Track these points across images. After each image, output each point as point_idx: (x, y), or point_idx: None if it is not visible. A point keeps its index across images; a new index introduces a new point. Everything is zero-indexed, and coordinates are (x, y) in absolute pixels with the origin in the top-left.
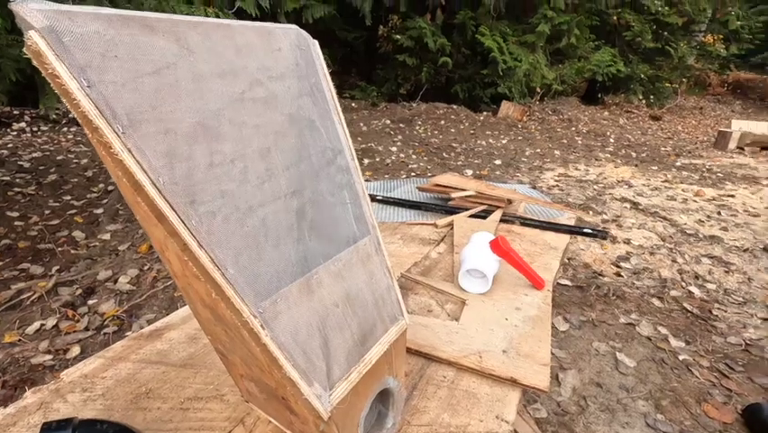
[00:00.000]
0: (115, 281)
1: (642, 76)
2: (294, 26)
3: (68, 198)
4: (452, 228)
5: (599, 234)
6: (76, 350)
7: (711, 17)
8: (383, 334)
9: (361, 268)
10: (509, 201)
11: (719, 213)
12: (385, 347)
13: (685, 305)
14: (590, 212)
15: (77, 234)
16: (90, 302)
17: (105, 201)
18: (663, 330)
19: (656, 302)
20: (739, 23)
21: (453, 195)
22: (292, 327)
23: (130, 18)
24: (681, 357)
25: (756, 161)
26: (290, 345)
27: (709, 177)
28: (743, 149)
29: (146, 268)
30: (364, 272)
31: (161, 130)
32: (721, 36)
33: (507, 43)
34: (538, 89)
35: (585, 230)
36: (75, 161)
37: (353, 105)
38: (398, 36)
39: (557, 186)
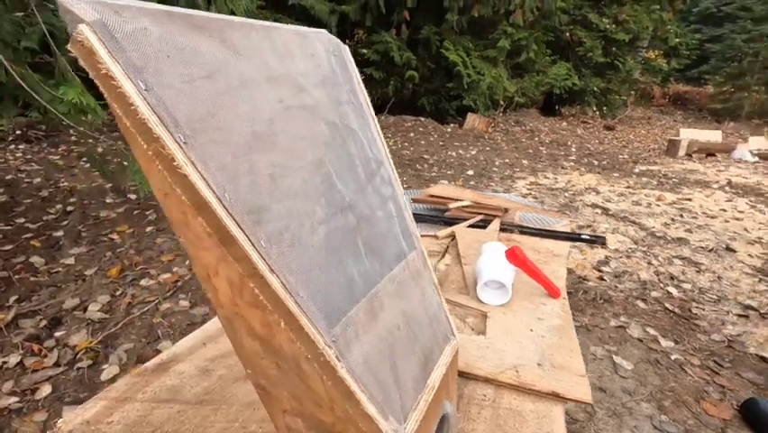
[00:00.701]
0: (85, 310)
1: (594, 89)
2: (324, 31)
3: (22, 220)
4: (453, 239)
5: (598, 241)
6: (46, 389)
7: (653, 34)
8: (440, 356)
9: (413, 285)
10: (506, 210)
11: (681, 216)
12: (443, 370)
13: (666, 305)
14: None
15: (36, 260)
16: (57, 334)
17: (65, 223)
18: (652, 331)
19: (641, 304)
20: (678, 40)
21: (450, 205)
22: (364, 356)
23: (174, 14)
24: (673, 357)
25: (704, 167)
26: (365, 377)
27: (666, 182)
28: (691, 155)
29: (118, 293)
30: (417, 290)
31: (222, 140)
32: (660, 52)
33: (471, 58)
34: (501, 102)
35: (583, 236)
36: (26, 180)
37: None
38: (365, 50)
39: (530, 194)
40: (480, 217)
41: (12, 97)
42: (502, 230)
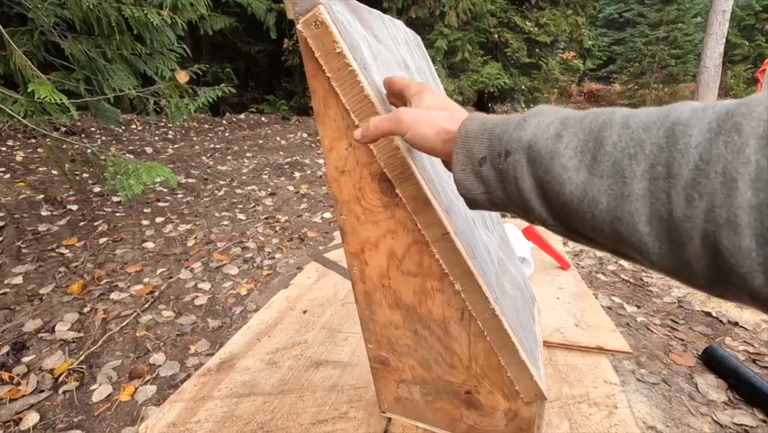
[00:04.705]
0: (52, 330)
1: (523, 87)
2: (399, 21)
3: None
4: None
5: None
6: (33, 417)
7: (570, 37)
8: (533, 315)
9: (509, 252)
10: None
11: None
12: (539, 328)
13: (622, 276)
14: None
15: None
16: (26, 359)
17: None
18: (617, 299)
19: (602, 277)
20: (591, 42)
21: None
22: (509, 312)
23: (345, 2)
24: (639, 319)
25: None
26: (516, 329)
27: None
28: None
29: (87, 310)
30: (511, 256)
31: None
32: (576, 53)
33: None
34: None
35: None
36: None
37: (263, 119)
38: None
39: None
40: None
41: None
42: None
